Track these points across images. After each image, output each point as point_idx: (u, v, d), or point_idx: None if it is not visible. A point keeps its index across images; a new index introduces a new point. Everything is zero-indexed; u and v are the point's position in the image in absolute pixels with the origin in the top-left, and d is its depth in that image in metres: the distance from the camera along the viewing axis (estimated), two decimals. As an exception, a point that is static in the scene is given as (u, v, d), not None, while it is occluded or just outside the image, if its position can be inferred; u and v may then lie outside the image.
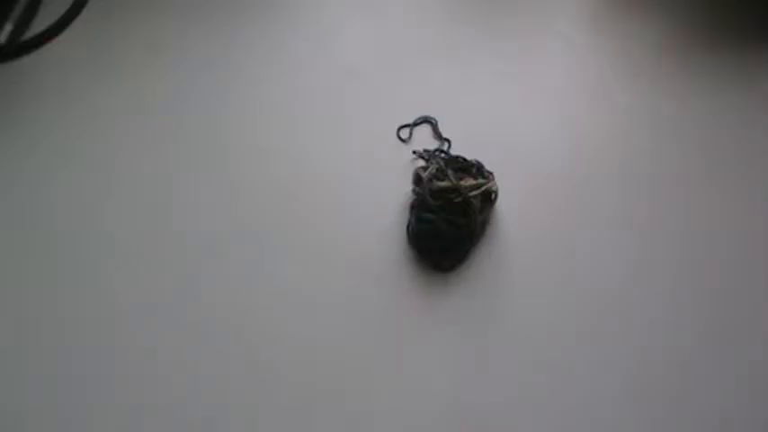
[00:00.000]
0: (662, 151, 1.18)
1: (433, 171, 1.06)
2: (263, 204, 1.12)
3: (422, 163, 1.15)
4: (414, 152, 1.17)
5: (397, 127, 1.21)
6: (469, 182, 1.05)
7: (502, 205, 1.12)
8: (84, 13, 1.33)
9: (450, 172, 1.05)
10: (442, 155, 1.15)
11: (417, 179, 1.08)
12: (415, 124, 1.22)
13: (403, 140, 1.20)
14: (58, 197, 1.12)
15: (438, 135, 1.20)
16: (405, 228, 1.09)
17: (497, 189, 1.09)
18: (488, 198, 1.08)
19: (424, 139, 1.20)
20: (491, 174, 1.10)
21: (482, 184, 1.06)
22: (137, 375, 0.97)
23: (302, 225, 1.10)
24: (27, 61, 1.28)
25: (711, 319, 1.02)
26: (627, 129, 1.21)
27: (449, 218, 1.03)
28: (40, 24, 1.30)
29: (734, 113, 1.23)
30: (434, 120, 1.22)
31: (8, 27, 1.27)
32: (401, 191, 1.13)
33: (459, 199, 1.03)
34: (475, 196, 1.04)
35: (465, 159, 1.11)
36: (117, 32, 1.32)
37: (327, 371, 0.98)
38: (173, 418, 0.94)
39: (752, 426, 0.94)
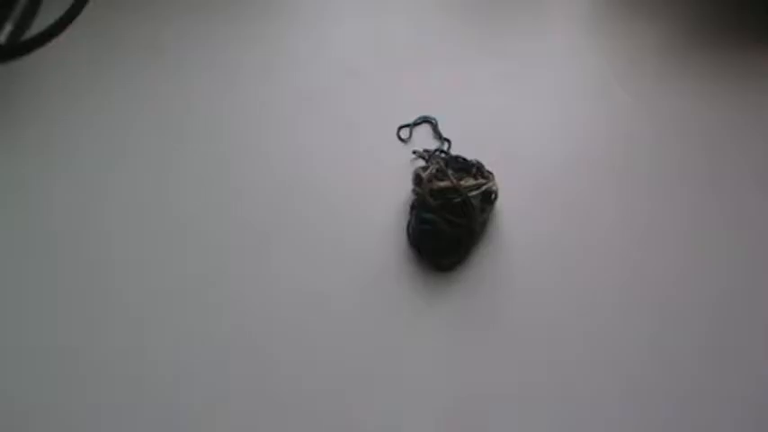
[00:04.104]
0: (662, 151, 1.18)
1: (433, 171, 1.06)
2: (263, 204, 1.12)
3: (422, 163, 1.15)
4: (414, 152, 1.17)
5: (397, 127, 1.21)
6: (469, 182, 1.05)
7: (502, 205, 1.12)
8: (84, 13, 1.33)
9: (450, 172, 1.05)
10: (442, 155, 1.15)
11: (417, 179, 1.08)
12: (415, 124, 1.22)
13: (403, 140, 1.20)
14: (58, 197, 1.12)
15: (438, 135, 1.20)
16: (405, 228, 1.09)
17: (497, 189, 1.09)
18: (488, 198, 1.08)
19: (424, 139, 1.20)
20: (491, 174, 1.10)
21: (482, 184, 1.06)
22: (137, 375, 0.97)
23: (302, 225, 1.10)
24: (27, 61, 1.28)
25: (713, 319, 1.02)
26: (627, 129, 1.21)
27: (449, 218, 1.03)
28: (40, 24, 1.30)
29: (734, 113, 1.23)
30: (434, 120, 1.22)
31: (8, 27, 1.27)
32: (401, 191, 1.12)
33: (459, 199, 1.03)
34: (475, 196, 1.04)
35: (465, 159, 1.11)
36: (117, 32, 1.32)
37: (327, 371, 0.98)
38: (173, 418, 0.94)
39: (753, 426, 0.94)
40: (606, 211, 1.12)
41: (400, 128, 1.21)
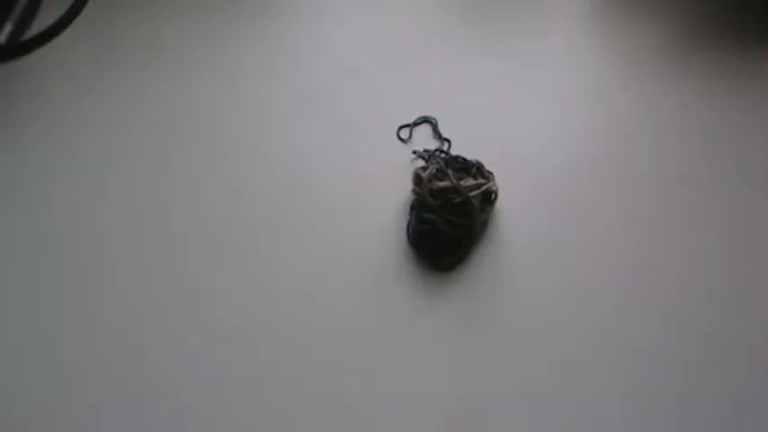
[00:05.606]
0: (662, 151, 1.18)
1: (433, 171, 1.06)
2: (263, 205, 1.12)
3: (422, 163, 1.15)
4: (414, 152, 1.17)
5: (397, 127, 1.21)
6: (469, 182, 1.05)
7: (502, 205, 1.12)
8: (85, 13, 1.33)
9: (450, 172, 1.05)
10: (442, 155, 1.15)
11: (417, 179, 1.08)
12: (415, 124, 1.22)
13: (403, 140, 1.20)
14: (58, 197, 1.12)
15: (438, 135, 1.20)
16: (405, 228, 1.09)
17: (497, 189, 1.09)
18: (488, 198, 1.08)
19: (424, 139, 1.20)
20: (491, 174, 1.10)
21: (482, 184, 1.06)
22: (137, 375, 0.97)
23: (302, 225, 1.10)
24: (27, 61, 1.28)
25: (713, 319, 1.02)
26: (627, 129, 1.21)
27: (449, 218, 1.03)
28: (40, 24, 1.30)
29: (734, 113, 1.23)
30: (434, 120, 1.22)
31: (8, 27, 1.27)
32: (401, 191, 1.12)
33: (459, 199, 1.03)
34: (475, 196, 1.04)
35: (465, 159, 1.11)
36: (117, 32, 1.32)
37: (327, 371, 0.98)
38: (173, 418, 0.94)
39: (753, 425, 0.94)
40: (606, 211, 1.12)
41: (400, 128, 1.21)
